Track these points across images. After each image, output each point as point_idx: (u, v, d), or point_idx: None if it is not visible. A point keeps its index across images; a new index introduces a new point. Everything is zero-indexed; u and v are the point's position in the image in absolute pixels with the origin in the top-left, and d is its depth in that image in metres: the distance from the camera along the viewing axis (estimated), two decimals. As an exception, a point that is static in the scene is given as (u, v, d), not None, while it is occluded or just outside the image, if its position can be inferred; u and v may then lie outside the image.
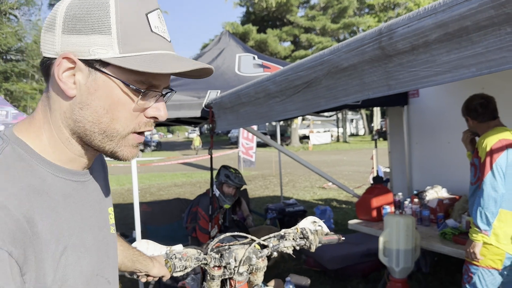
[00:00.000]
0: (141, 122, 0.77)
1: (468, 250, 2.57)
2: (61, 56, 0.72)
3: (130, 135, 0.77)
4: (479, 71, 1.19)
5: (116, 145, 0.77)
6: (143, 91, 0.74)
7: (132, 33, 0.72)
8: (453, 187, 4.04)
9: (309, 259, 4.64)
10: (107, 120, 0.74)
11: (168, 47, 0.76)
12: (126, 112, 0.75)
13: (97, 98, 0.73)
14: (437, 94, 4.38)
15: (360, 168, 14.59)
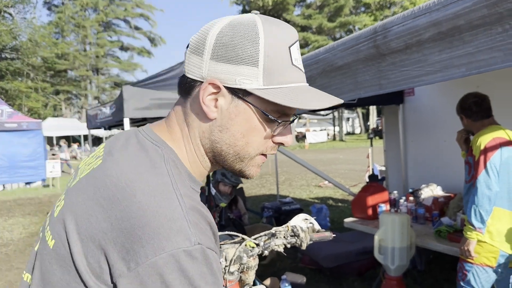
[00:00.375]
0: (268, 146, 0.82)
1: (463, 248, 2.59)
2: (208, 81, 0.76)
3: (257, 156, 0.83)
4: (468, 71, 1.20)
5: (245, 165, 0.83)
6: (279, 122, 0.79)
7: (275, 66, 0.75)
8: (448, 185, 4.06)
9: (305, 257, 4.65)
10: (242, 144, 0.80)
11: (303, 79, 0.80)
12: (259, 137, 0.80)
13: (236, 124, 0.78)
14: (432, 92, 4.40)
15: (356, 166, 14.63)
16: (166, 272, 0.61)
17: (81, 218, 0.69)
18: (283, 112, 0.79)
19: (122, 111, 3.63)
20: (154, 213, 0.64)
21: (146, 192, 0.67)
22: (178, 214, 0.65)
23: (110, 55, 47.25)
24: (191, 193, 0.74)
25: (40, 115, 33.43)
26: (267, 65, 0.74)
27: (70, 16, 41.71)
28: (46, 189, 13.47)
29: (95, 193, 0.70)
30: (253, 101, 0.76)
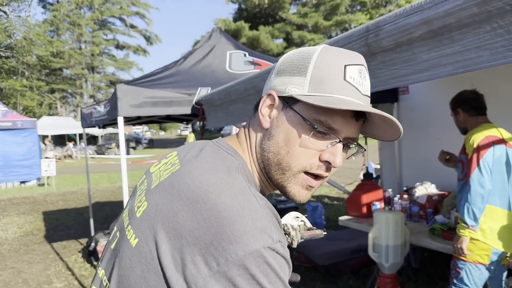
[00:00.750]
0: (313, 163, 0.79)
1: (456, 246, 2.60)
2: (267, 93, 0.83)
3: (301, 174, 0.80)
4: (455, 70, 1.20)
5: (286, 180, 0.81)
6: (315, 127, 0.77)
7: (325, 77, 0.77)
8: (442, 183, 4.08)
9: (300, 255, 4.66)
10: (284, 152, 0.80)
11: (358, 97, 0.78)
12: (301, 148, 0.79)
13: (281, 131, 0.80)
14: (426, 91, 4.41)
15: (352, 165, 14.65)
16: (254, 267, 0.65)
17: (168, 218, 0.72)
18: (328, 125, 0.77)
19: (116, 110, 3.62)
20: (239, 213, 0.68)
21: (229, 194, 0.71)
22: (260, 215, 0.70)
23: (105, 54, 47.09)
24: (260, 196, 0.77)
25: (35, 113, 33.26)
26: (315, 75, 0.77)
27: (65, 14, 41.49)
28: (41, 188, 13.42)
29: (180, 195, 0.74)
30: (299, 108, 0.78)
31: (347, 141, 0.80)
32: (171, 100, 3.74)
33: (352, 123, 0.79)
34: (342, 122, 0.78)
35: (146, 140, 37.53)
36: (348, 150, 0.84)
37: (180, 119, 6.42)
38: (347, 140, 0.80)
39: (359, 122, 0.81)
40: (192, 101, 3.75)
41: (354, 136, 0.81)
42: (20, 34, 31.17)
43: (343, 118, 0.78)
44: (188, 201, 0.72)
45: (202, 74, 4.41)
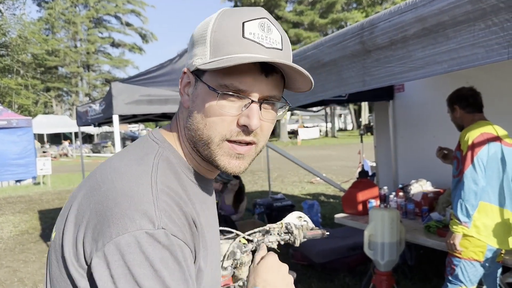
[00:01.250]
0: (232, 130, 0.76)
1: (448, 242, 2.61)
2: (183, 71, 0.81)
3: (224, 143, 0.77)
4: (450, 67, 1.20)
5: (212, 153, 0.78)
6: (219, 92, 0.74)
7: (223, 40, 0.73)
8: (437, 180, 4.09)
9: (296, 253, 4.67)
10: (202, 126, 0.77)
11: (262, 52, 0.73)
12: (216, 118, 0.76)
13: (197, 106, 0.78)
14: (422, 88, 4.42)
15: (348, 162, 14.69)
16: (127, 252, 0.63)
17: (75, 208, 0.73)
18: (235, 88, 0.74)
19: (111, 108, 3.60)
20: (124, 196, 0.67)
21: (125, 178, 0.71)
22: (147, 199, 0.68)
23: (101, 52, 46.88)
24: (178, 185, 0.75)
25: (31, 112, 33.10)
26: (213, 40, 0.74)
27: (60, 12, 41.27)
28: (36, 187, 13.36)
29: (87, 183, 0.75)
30: (206, 79, 0.76)
31: (263, 101, 0.76)
32: (167, 98, 3.73)
33: (261, 80, 0.75)
34: (250, 82, 0.74)
35: (142, 138, 37.37)
36: (272, 110, 0.80)
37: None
38: (263, 100, 0.76)
39: (272, 78, 0.76)
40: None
41: (270, 94, 0.77)
42: (15, 32, 30.99)
43: (251, 77, 0.74)
44: (90, 188, 0.73)
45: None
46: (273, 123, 0.83)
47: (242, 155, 0.79)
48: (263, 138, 0.81)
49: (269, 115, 0.80)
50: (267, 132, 0.82)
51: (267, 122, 0.80)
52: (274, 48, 0.75)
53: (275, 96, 0.78)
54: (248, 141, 0.78)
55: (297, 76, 0.78)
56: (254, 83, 0.74)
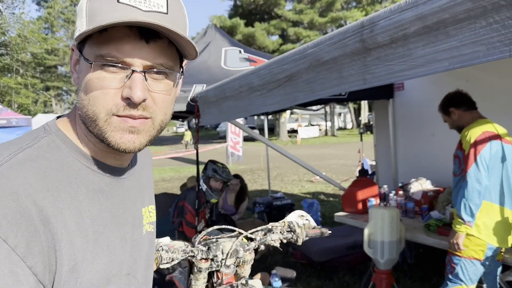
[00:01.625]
0: (118, 104, 0.70)
1: (452, 241, 2.61)
2: (71, 49, 0.75)
3: (112, 118, 0.71)
4: (451, 65, 1.20)
5: (102, 130, 0.72)
6: (91, 62, 0.69)
7: (97, 8, 0.68)
8: (437, 179, 4.09)
9: (296, 252, 4.67)
10: (86, 103, 0.71)
11: (139, 16, 0.68)
12: (98, 91, 0.70)
13: (81, 82, 0.72)
14: (422, 87, 4.42)
15: (348, 161, 14.69)
16: None
17: None
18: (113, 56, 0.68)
19: (111, 107, 3.60)
20: None
21: None
22: None
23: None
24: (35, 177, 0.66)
25: (30, 111, 33.07)
26: (89, 10, 0.69)
27: (59, 11, 41.22)
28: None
29: None
30: (85, 52, 0.71)
31: (148, 69, 0.70)
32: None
33: (142, 47, 0.69)
34: (129, 49, 0.68)
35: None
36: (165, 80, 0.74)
37: (175, 116, 6.39)
38: (148, 68, 0.70)
39: (155, 45, 0.70)
40: (187, 98, 3.73)
41: (156, 62, 0.71)
42: (14, 32, 30.95)
43: (129, 44, 0.68)
44: None
45: (197, 71, 4.39)
46: (170, 94, 0.76)
47: (136, 128, 0.73)
48: (160, 112, 0.75)
49: (162, 85, 0.74)
50: (164, 105, 0.75)
51: (160, 93, 0.73)
52: (154, 11, 0.69)
53: (164, 64, 0.72)
54: (137, 116, 0.72)
55: (182, 42, 0.72)
56: (133, 50, 0.69)
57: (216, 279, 1.61)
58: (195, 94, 3.65)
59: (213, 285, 1.62)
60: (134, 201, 0.85)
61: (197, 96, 3.60)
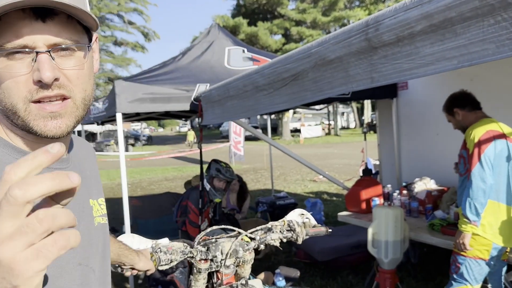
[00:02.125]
0: (31, 89, 0.70)
1: (458, 241, 2.59)
2: None
3: (30, 106, 0.71)
4: (460, 63, 1.19)
5: (24, 120, 0.72)
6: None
7: None
8: (441, 178, 4.08)
9: (300, 252, 4.66)
10: (2, 97, 0.71)
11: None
12: (9, 81, 0.70)
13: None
14: (425, 86, 4.40)
15: (351, 161, 14.66)
16: None
17: None
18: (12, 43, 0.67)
19: (114, 106, 3.60)
20: None
21: None
22: None
23: (103, 50, 46.91)
24: None
25: (34, 111, 33.13)
26: None
27: None
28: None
29: None
30: None
31: (52, 48, 0.69)
32: (170, 96, 3.72)
33: (40, 27, 0.68)
34: (28, 32, 0.67)
35: (144, 137, 37.49)
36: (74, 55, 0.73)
37: (178, 116, 6.40)
38: (52, 47, 0.69)
39: (53, 22, 0.69)
40: (191, 97, 3.73)
41: (59, 40, 0.70)
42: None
43: (27, 27, 0.67)
44: None
45: (201, 70, 4.39)
46: (83, 68, 0.75)
47: (57, 112, 0.73)
48: (78, 89, 0.75)
49: (72, 61, 0.73)
50: (80, 81, 0.75)
51: (72, 70, 0.73)
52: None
53: (67, 40, 0.71)
54: (53, 95, 0.71)
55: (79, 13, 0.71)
56: (32, 32, 0.68)
57: (216, 280, 1.61)
58: (199, 94, 3.65)
59: (213, 285, 1.62)
60: (78, 191, 0.85)
61: (200, 96, 3.59)
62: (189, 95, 3.74)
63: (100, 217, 0.93)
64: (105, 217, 0.96)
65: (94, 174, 0.98)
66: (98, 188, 0.98)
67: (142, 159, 19.19)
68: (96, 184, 0.97)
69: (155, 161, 18.30)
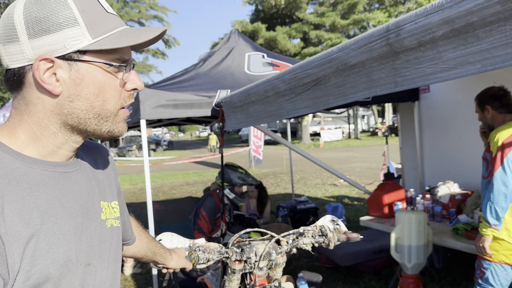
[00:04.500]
0: (125, 97, 0.86)
1: (478, 245, 2.56)
2: (38, 60, 0.75)
3: (119, 111, 0.85)
4: (484, 67, 1.19)
5: (112, 124, 0.85)
6: (125, 65, 0.83)
7: (95, 18, 0.78)
8: (465, 182, 4.02)
9: (321, 256, 4.65)
10: (99, 104, 0.81)
11: (122, 23, 0.84)
12: (113, 91, 0.82)
13: (85, 87, 0.79)
14: (448, 89, 4.35)
15: (372, 164, 14.52)
16: None
17: None
18: (122, 59, 0.82)
19: (139, 113, 3.69)
20: None
21: None
22: None
23: (125, 57, 47.68)
24: None
25: None
26: (87, 20, 0.77)
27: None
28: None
29: None
30: (91, 58, 0.78)
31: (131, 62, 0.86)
32: (192, 102, 3.79)
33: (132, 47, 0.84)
34: (127, 51, 0.84)
35: (165, 142, 37.94)
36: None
37: (199, 121, 6.48)
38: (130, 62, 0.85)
39: None
40: (212, 103, 3.79)
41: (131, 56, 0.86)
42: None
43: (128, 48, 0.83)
44: None
45: (222, 77, 4.45)
46: None
47: (128, 116, 0.90)
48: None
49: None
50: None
51: None
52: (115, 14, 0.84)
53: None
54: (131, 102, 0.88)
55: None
56: (128, 51, 0.84)
57: (249, 281, 1.65)
58: (220, 99, 3.70)
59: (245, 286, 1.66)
60: (87, 194, 0.89)
61: (221, 101, 3.65)
62: (210, 101, 3.80)
63: (113, 220, 0.96)
64: (118, 220, 0.99)
65: (109, 178, 1.02)
66: (111, 192, 1.02)
67: (163, 163, 19.43)
68: (110, 188, 1.01)
69: (176, 165, 18.51)
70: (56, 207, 0.79)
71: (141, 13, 45.59)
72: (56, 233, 0.77)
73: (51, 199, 0.78)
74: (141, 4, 45.08)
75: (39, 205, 0.76)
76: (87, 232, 0.85)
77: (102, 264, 0.89)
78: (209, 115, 3.87)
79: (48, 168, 0.81)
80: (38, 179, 0.78)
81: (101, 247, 0.89)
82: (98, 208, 0.92)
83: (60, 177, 0.83)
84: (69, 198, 0.83)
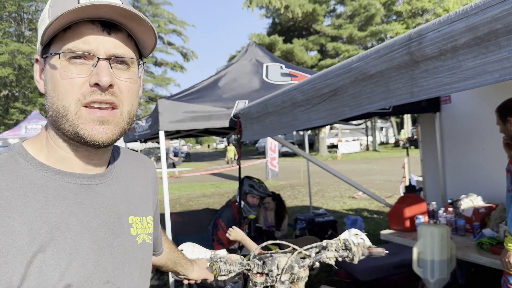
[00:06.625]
0: (85, 92, 0.74)
1: (504, 260, 2.47)
2: (35, 59, 0.81)
3: (81, 109, 0.75)
4: (502, 77, 1.16)
5: (73, 124, 0.75)
6: (59, 53, 0.74)
7: (60, 10, 0.72)
8: (489, 195, 3.90)
9: (341, 270, 4.56)
10: (56, 100, 0.75)
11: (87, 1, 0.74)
12: (66, 84, 0.74)
13: (48, 82, 0.77)
14: (470, 99, 4.27)
15: (391, 177, 14.30)
16: None
17: None
18: (79, 49, 0.74)
19: (157, 124, 3.72)
20: None
21: None
22: None
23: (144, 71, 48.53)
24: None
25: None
26: (52, 14, 0.75)
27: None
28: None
29: None
30: (52, 51, 0.76)
31: (111, 58, 0.76)
32: (210, 114, 3.80)
33: (104, 37, 0.75)
34: (93, 40, 0.74)
35: (183, 154, 38.20)
36: (129, 69, 0.80)
37: (216, 132, 6.50)
38: (112, 57, 0.76)
39: (116, 36, 0.77)
40: (230, 114, 3.79)
41: (117, 52, 0.77)
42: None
43: (93, 36, 0.74)
44: None
45: (240, 87, 4.47)
46: (135, 83, 0.81)
47: (105, 118, 0.76)
48: (127, 102, 0.79)
49: (126, 74, 0.79)
50: (129, 94, 0.80)
51: (125, 81, 0.78)
52: (111, 4, 0.72)
53: (124, 54, 0.78)
54: (105, 100, 0.75)
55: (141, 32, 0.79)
56: (97, 41, 0.75)
57: None
58: (237, 110, 3.70)
59: (267, 300, 1.62)
60: (111, 208, 0.85)
61: (239, 112, 3.65)
62: (228, 112, 3.80)
63: (146, 235, 0.92)
64: (151, 237, 0.95)
65: (146, 192, 0.98)
66: (147, 206, 0.97)
67: (181, 175, 19.53)
68: (146, 202, 0.97)
69: (193, 177, 18.58)
70: (71, 222, 0.76)
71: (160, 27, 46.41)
72: (67, 249, 0.74)
73: (66, 214, 0.76)
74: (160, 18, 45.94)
75: (51, 220, 0.73)
76: (109, 248, 0.81)
77: (124, 280, 0.84)
78: (227, 126, 3.87)
79: (71, 180, 0.79)
80: (57, 193, 0.76)
81: (127, 263, 0.85)
82: (126, 223, 0.87)
83: (81, 190, 0.80)
84: (88, 212, 0.80)
